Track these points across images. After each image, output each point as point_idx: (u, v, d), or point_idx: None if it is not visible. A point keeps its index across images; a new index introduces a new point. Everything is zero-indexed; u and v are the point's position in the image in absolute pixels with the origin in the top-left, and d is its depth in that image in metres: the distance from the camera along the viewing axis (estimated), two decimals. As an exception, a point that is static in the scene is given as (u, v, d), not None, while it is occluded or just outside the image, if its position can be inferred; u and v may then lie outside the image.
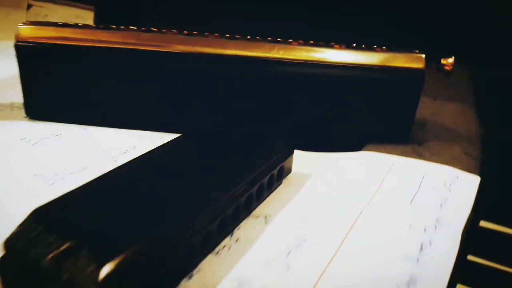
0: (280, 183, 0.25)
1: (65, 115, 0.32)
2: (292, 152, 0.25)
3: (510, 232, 0.25)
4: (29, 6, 0.52)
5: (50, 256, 0.15)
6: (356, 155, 0.28)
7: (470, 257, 0.24)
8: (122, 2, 0.51)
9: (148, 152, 0.22)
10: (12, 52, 0.45)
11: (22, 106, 0.34)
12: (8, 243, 0.15)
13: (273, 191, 0.24)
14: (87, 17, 0.51)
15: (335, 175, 0.25)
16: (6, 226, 0.17)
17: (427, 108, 0.38)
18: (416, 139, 0.32)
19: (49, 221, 0.16)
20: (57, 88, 0.32)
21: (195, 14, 0.49)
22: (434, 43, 0.32)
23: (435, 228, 0.20)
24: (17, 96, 0.36)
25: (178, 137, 0.23)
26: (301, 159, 0.27)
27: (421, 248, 0.18)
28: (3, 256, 0.15)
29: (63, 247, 0.15)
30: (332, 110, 0.31)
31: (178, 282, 0.17)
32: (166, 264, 0.16)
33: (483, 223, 0.27)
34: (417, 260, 0.17)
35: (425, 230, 0.19)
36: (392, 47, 0.31)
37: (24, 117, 0.33)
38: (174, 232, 0.16)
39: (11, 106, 0.35)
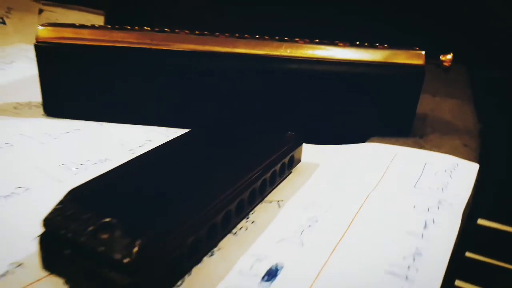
0: (291, 172, 0.26)
1: (82, 112, 0.33)
2: (301, 143, 0.27)
3: (507, 229, 0.26)
4: (41, 11, 0.53)
5: (87, 231, 0.16)
6: (361, 146, 0.29)
7: (468, 254, 0.25)
8: (131, 6, 0.53)
9: (166, 143, 0.23)
10: (26, 54, 0.47)
11: (40, 105, 0.36)
12: (47, 220, 0.17)
13: (284, 178, 0.25)
14: (97, 21, 0.52)
15: (342, 164, 0.27)
16: (38, 210, 0.19)
17: (427, 104, 0.40)
18: (418, 132, 0.34)
19: (84, 200, 0.17)
20: (75, 86, 0.33)
21: (201, 17, 0.50)
22: (433, 42, 0.33)
23: (438, 208, 0.21)
24: (34, 95, 0.37)
25: (192, 129, 0.25)
26: (309, 152, 0.29)
27: (425, 225, 0.20)
28: (43, 233, 0.17)
29: (99, 223, 0.16)
30: (337, 105, 0.33)
31: (201, 258, 0.19)
32: (192, 240, 0.17)
33: (480, 221, 0.29)
34: (422, 235, 0.19)
35: (428, 210, 0.21)
36: (394, 45, 0.32)
37: (42, 114, 0.34)
38: (198, 211, 0.18)
39: (29, 105, 0.36)
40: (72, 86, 0.33)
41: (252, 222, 0.21)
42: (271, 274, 0.18)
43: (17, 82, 0.40)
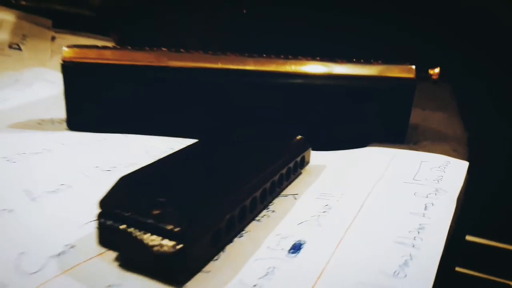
0: (301, 173, 0.29)
1: (104, 125, 0.36)
2: (310, 146, 0.30)
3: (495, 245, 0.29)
4: (53, 38, 0.57)
5: (140, 208, 0.19)
6: (362, 150, 0.33)
7: (458, 269, 0.28)
8: (141, 30, 0.57)
9: (193, 144, 0.26)
10: (43, 77, 0.49)
11: (61, 121, 0.39)
12: (103, 202, 0.19)
13: (297, 177, 0.28)
14: (107, 46, 0.56)
15: (347, 164, 0.30)
16: (81, 203, 0.21)
17: (418, 116, 0.43)
18: (411, 140, 0.37)
19: (133, 184, 0.20)
20: (97, 102, 0.36)
21: (207, 40, 0.54)
22: (422, 58, 0.37)
23: (435, 194, 0.24)
24: (55, 113, 0.40)
25: (215, 134, 0.28)
26: (314, 156, 0.32)
27: (425, 207, 0.23)
28: (99, 213, 0.19)
29: (150, 201, 0.19)
30: (337, 115, 0.36)
31: (232, 239, 0.21)
32: (228, 218, 0.20)
33: (469, 238, 0.32)
34: (423, 214, 0.22)
35: (427, 196, 0.24)
36: (387, 61, 0.36)
37: (66, 129, 0.37)
38: (231, 194, 0.21)
39: (52, 121, 0.39)
40: (94, 101, 0.36)
41: (273, 211, 0.24)
42: (296, 248, 0.20)
43: (38, 101, 0.43)
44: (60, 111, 0.40)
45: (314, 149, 0.33)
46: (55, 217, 0.22)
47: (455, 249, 0.23)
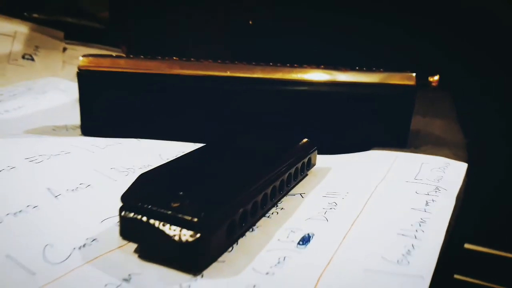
0: (307, 175, 0.31)
1: (117, 131, 0.38)
2: (316, 148, 0.31)
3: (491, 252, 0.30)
4: (65, 49, 0.59)
5: (160, 201, 0.20)
6: (365, 153, 0.34)
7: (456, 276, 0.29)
8: (149, 43, 0.59)
9: (206, 145, 0.28)
10: (55, 86, 0.51)
11: (75, 127, 0.40)
12: (125, 196, 0.21)
13: (304, 177, 0.30)
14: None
15: (351, 166, 0.31)
16: (100, 200, 0.23)
17: (419, 123, 0.45)
18: (413, 144, 0.38)
19: (152, 181, 0.21)
20: (111, 108, 0.38)
21: (216, 50, 0.56)
22: (423, 67, 0.39)
23: (435, 192, 0.25)
24: (68, 120, 0.42)
25: (228, 136, 0.29)
26: (320, 160, 0.33)
27: (426, 204, 0.24)
28: (121, 207, 0.21)
29: (170, 194, 0.20)
30: (342, 120, 0.37)
31: (245, 232, 0.23)
32: (241, 212, 0.21)
33: (467, 245, 0.33)
34: (424, 210, 0.23)
35: (428, 193, 0.25)
36: (388, 68, 0.37)
37: (79, 135, 0.38)
38: (244, 190, 0.22)
39: (65, 127, 0.41)
40: (108, 108, 0.38)
41: (282, 209, 0.25)
42: (305, 240, 0.21)
43: (51, 109, 0.45)
44: (72, 118, 0.42)
45: (320, 153, 0.35)
46: (77, 213, 0.23)
47: (453, 256, 0.25)
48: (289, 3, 0.57)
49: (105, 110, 0.38)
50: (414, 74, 0.37)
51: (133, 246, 0.21)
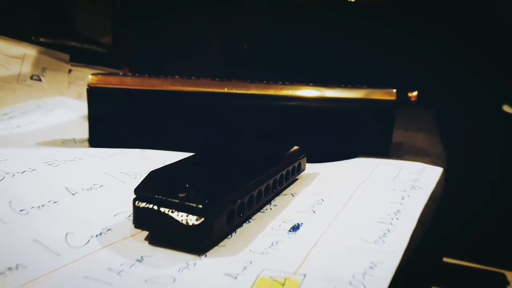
0: (297, 179, 0.34)
1: (122, 142, 0.41)
2: (305, 155, 0.34)
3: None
4: (70, 71, 0.62)
5: (168, 192, 0.23)
6: (351, 161, 0.37)
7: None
8: (149, 64, 0.63)
9: (207, 148, 0.31)
10: (63, 104, 0.54)
11: (83, 141, 0.43)
12: (138, 189, 0.24)
13: (294, 181, 0.33)
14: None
15: (337, 171, 0.34)
16: (113, 199, 0.25)
17: (401, 136, 0.48)
18: (395, 154, 0.42)
19: (161, 176, 0.25)
20: (117, 122, 0.41)
21: (214, 69, 0.61)
22: (403, 84, 0.43)
23: (411, 190, 0.28)
24: (76, 134, 0.45)
25: (228, 142, 0.33)
26: (309, 167, 0.36)
27: (403, 198, 0.27)
28: (134, 198, 0.24)
29: (177, 186, 0.23)
30: (328, 132, 0.41)
31: (242, 223, 0.26)
32: (239, 203, 0.24)
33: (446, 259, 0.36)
34: (400, 203, 0.26)
35: (404, 190, 0.28)
36: (371, 85, 0.41)
37: (88, 147, 0.41)
38: (241, 185, 0.25)
39: (74, 140, 0.44)
40: (115, 122, 0.41)
41: (275, 205, 0.29)
42: (295, 228, 0.25)
43: (59, 124, 0.48)
44: (80, 133, 0.45)
45: (309, 161, 0.38)
46: (92, 208, 0.26)
47: (432, 270, 0.28)
48: (280, 28, 0.62)
49: (112, 123, 0.41)
50: (394, 90, 0.41)
51: (144, 235, 0.24)
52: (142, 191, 0.24)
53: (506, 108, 0.64)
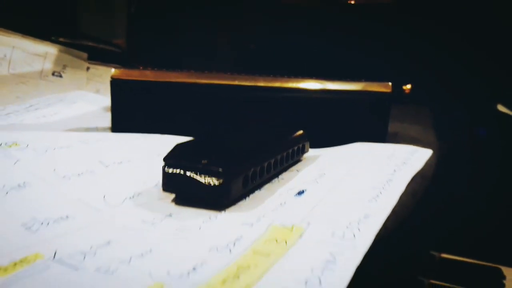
0: (301, 160, 0.38)
1: (143, 130, 0.45)
2: (307, 138, 0.38)
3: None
4: (88, 68, 0.66)
5: (193, 159, 0.27)
6: (350, 145, 0.41)
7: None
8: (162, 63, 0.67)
9: (226, 127, 0.35)
10: (83, 98, 0.59)
11: (105, 129, 0.47)
12: (166, 158, 0.28)
13: (298, 161, 0.37)
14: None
15: (337, 152, 0.38)
16: (141, 171, 0.29)
17: (397, 127, 0.52)
18: (390, 142, 0.46)
19: (186, 148, 0.29)
20: (138, 111, 0.45)
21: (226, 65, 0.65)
22: (398, 77, 0.47)
23: (402, 165, 0.32)
24: (98, 123, 0.49)
25: (244, 122, 0.37)
26: (311, 152, 0.40)
27: (394, 171, 0.31)
28: (163, 165, 0.28)
29: (200, 154, 0.27)
30: (329, 121, 0.45)
31: (254, 190, 0.30)
32: (252, 171, 0.28)
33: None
34: (392, 174, 0.30)
35: (396, 165, 0.32)
36: (369, 79, 0.45)
37: (110, 134, 0.45)
38: (255, 158, 0.29)
39: (97, 128, 0.48)
40: (136, 111, 0.45)
41: (282, 179, 0.32)
42: (300, 193, 0.28)
43: (82, 115, 0.52)
44: (101, 122, 0.49)
45: (311, 147, 0.42)
46: (124, 177, 0.30)
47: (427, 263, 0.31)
48: (284, 28, 0.66)
49: (133, 112, 0.45)
50: (390, 83, 0.45)
51: (170, 198, 0.28)
52: (170, 159, 0.28)
53: (500, 107, 0.68)
